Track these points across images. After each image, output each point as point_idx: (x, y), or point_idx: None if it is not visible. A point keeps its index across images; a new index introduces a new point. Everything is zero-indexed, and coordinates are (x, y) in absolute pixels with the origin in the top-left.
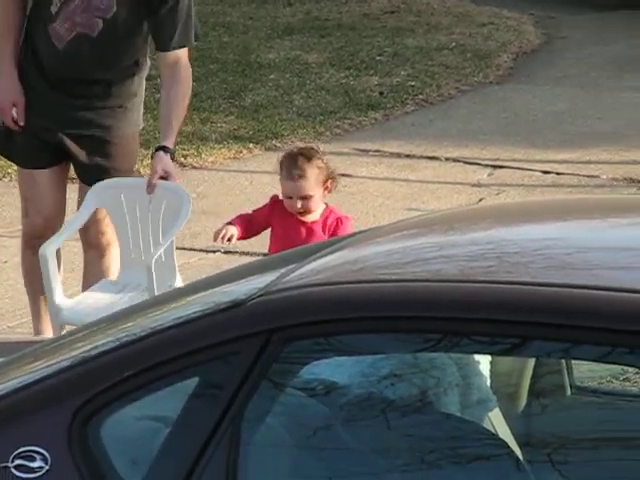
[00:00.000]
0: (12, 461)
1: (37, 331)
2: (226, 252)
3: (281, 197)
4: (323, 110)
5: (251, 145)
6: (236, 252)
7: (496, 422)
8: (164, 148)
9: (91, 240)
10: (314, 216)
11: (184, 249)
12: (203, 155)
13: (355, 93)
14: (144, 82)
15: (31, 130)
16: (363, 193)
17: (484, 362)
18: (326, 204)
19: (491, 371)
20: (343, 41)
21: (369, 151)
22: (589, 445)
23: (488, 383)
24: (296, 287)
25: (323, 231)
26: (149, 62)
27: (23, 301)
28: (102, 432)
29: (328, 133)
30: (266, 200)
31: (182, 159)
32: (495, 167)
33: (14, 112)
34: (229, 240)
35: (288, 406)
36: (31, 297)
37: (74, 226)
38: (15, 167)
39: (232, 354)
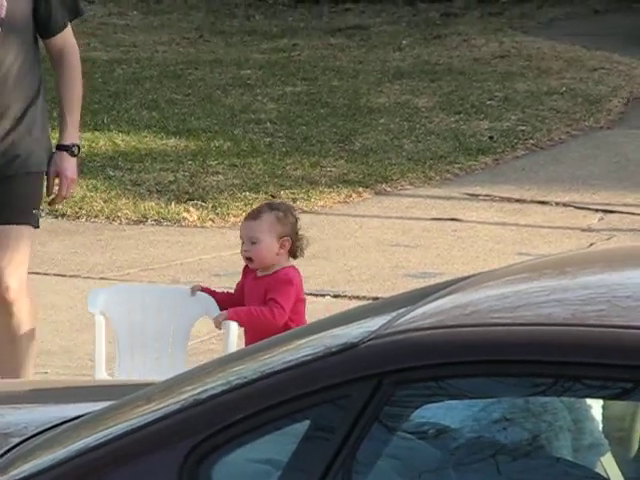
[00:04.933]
0: None
1: None
2: (335, 296)
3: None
4: (433, 154)
5: (361, 189)
6: (345, 296)
7: (608, 467)
8: (62, 147)
9: None
10: (267, 270)
11: None
12: (313, 199)
13: (465, 137)
14: (45, 104)
15: None
16: (473, 238)
17: (596, 406)
18: (292, 266)
19: (603, 415)
20: (453, 85)
21: (479, 195)
22: None
23: (600, 427)
24: (408, 330)
25: (266, 287)
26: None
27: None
28: (213, 475)
29: (438, 177)
30: (376, 245)
31: (291, 203)
32: (606, 212)
33: None
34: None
35: (399, 449)
36: None
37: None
38: (126, 210)
39: (344, 397)
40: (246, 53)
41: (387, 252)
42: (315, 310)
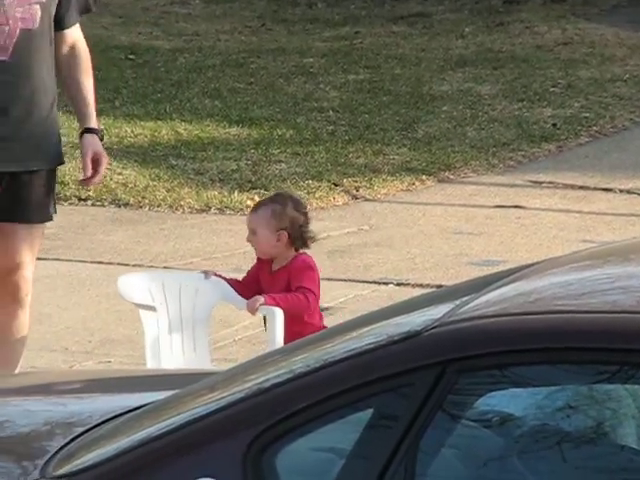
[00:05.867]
0: None
1: None
2: (399, 284)
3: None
4: (496, 142)
5: (424, 177)
6: (409, 284)
7: None
8: (91, 130)
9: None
10: (280, 263)
11: (356, 281)
12: (375, 187)
13: (528, 125)
14: None
15: None
16: (537, 225)
17: None
18: (304, 253)
19: None
20: (516, 73)
21: (542, 183)
22: None
23: None
24: (472, 318)
25: (286, 278)
26: None
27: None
28: (277, 464)
29: (501, 165)
30: (439, 233)
31: (354, 191)
32: None
33: None
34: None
35: (463, 438)
36: None
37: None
38: (189, 199)
39: (407, 385)
40: (308, 41)
41: (450, 240)
42: (378, 298)
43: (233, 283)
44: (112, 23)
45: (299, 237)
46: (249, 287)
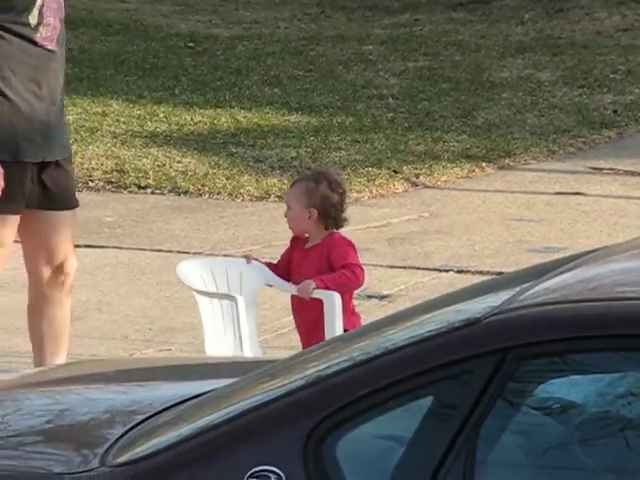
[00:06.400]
0: None
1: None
2: (459, 271)
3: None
4: (556, 128)
5: (484, 164)
6: (469, 271)
7: None
8: None
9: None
10: (313, 241)
11: (417, 268)
12: (435, 174)
13: (588, 111)
14: None
15: (21, 170)
16: (597, 211)
17: None
18: (334, 232)
19: None
20: (576, 59)
21: (603, 169)
22: None
23: None
24: (532, 305)
25: (320, 256)
26: None
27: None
28: (337, 452)
29: (561, 152)
30: (499, 220)
31: (414, 178)
32: None
33: None
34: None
35: (524, 425)
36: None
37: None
38: (248, 187)
39: (466, 373)
40: (368, 28)
41: (511, 227)
42: (439, 285)
43: (270, 267)
44: (171, 11)
45: (330, 216)
46: (284, 269)
